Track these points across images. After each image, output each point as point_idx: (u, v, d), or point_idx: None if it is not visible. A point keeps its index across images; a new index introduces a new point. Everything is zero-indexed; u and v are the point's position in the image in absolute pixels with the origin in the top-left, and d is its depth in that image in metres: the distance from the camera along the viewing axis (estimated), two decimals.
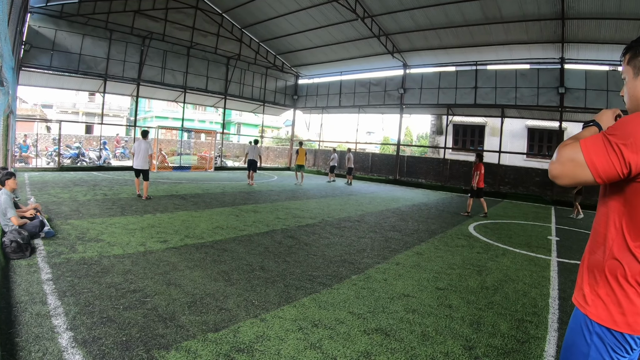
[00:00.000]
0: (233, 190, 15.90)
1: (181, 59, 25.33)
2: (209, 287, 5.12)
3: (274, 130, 61.88)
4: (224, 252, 6.86)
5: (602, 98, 19.98)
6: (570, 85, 20.66)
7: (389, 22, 22.50)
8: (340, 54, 27.23)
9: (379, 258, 7.27)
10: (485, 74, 23.51)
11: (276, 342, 3.81)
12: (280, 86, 32.09)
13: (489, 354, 3.93)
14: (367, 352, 3.77)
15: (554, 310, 5.31)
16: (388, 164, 28.10)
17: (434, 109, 26.86)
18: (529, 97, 21.89)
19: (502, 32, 20.46)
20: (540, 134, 28.18)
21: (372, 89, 28.36)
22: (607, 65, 20.77)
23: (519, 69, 22.51)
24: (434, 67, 25.78)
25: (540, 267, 7.56)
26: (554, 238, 10.81)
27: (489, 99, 23.12)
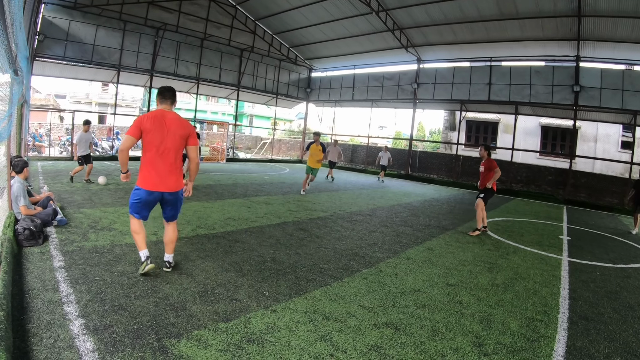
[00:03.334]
0: (245, 181, 15.97)
1: (194, 50, 25.38)
2: (220, 278, 5.17)
3: (286, 123, 61.88)
4: (235, 243, 6.91)
5: (618, 97, 19.67)
6: (586, 84, 20.37)
7: (403, 16, 22.36)
8: (353, 47, 27.07)
9: (390, 252, 7.30)
10: (499, 70, 23.30)
11: (286, 334, 3.85)
12: (293, 79, 32.04)
13: (499, 351, 3.95)
14: (377, 345, 3.80)
15: (564, 309, 5.31)
16: (400, 159, 28.04)
17: (447, 104, 26.75)
18: (543, 94, 21.66)
19: (517, 28, 20.25)
20: (554, 132, 27.89)
21: (386, 83, 28.21)
22: (624, 65, 20.52)
23: (533, 65, 22.28)
24: (447, 63, 25.60)
25: (551, 266, 7.56)
26: (565, 237, 10.77)
27: (502, 95, 22.93)
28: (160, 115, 4.86)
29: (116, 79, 22.72)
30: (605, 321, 5.08)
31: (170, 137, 4.83)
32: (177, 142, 4.90)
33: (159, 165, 4.81)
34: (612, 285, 6.75)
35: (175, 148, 4.90)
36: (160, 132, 4.78)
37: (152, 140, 4.75)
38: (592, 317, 5.16)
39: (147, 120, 4.76)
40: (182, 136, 4.93)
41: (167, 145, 4.82)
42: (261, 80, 29.63)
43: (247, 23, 27.21)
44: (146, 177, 4.80)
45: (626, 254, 9.52)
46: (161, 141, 4.79)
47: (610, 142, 26.77)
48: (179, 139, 4.91)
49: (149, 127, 4.73)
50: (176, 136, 4.87)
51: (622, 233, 12.58)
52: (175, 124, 4.89)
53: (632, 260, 8.89)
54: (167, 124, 4.84)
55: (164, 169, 4.85)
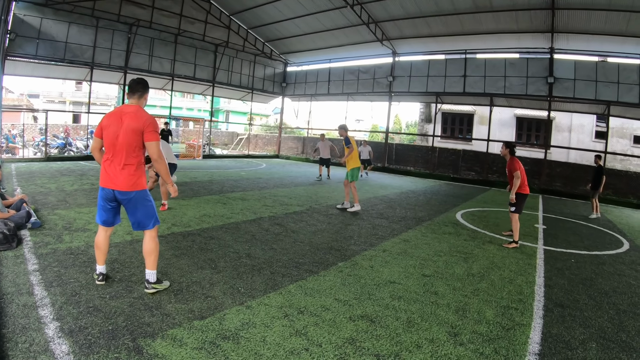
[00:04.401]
0: (221, 178, 15.82)
1: (169, 46, 24.96)
2: (195, 275, 5.11)
3: (262, 118, 61.57)
4: (210, 240, 6.83)
5: (591, 88, 20.06)
6: (560, 75, 20.71)
7: (378, 9, 22.31)
8: (329, 41, 26.98)
9: (366, 245, 7.28)
10: (474, 63, 23.49)
11: (261, 329, 3.82)
12: (269, 73, 31.77)
13: (474, 340, 3.95)
14: (352, 338, 3.79)
15: (540, 297, 5.35)
16: (376, 152, 28.10)
17: (422, 97, 26.88)
18: (517, 86, 21.92)
19: (492, 21, 20.39)
20: (529, 123, 28.25)
21: (361, 77, 28.19)
22: (597, 56, 20.83)
23: (508, 58, 22.50)
24: (423, 55, 25.66)
25: (527, 254, 7.61)
26: (540, 226, 10.89)
27: (477, 87, 23.12)
28: (119, 110, 4.51)
29: (89, 76, 22.17)
30: (581, 308, 5.12)
31: (123, 132, 4.37)
32: (130, 137, 4.38)
33: (113, 162, 4.42)
34: (587, 272, 6.82)
35: (127, 143, 4.39)
36: (115, 127, 4.40)
37: (107, 137, 4.41)
38: (567, 304, 5.19)
39: (106, 117, 4.51)
40: (135, 130, 4.38)
41: (120, 141, 4.38)
42: (236, 75, 29.32)
43: (221, 18, 26.86)
44: (102, 173, 4.53)
45: (601, 241, 9.65)
46: (116, 137, 4.38)
47: (585, 132, 27.23)
48: (131, 134, 4.38)
49: (105, 124, 4.44)
50: (128, 131, 4.37)
51: (597, 221, 12.75)
52: (129, 118, 4.41)
53: (606, 247, 9.01)
54: (123, 118, 4.42)
55: (116, 165, 4.41)
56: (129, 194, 4.46)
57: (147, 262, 4.57)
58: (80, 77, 23.21)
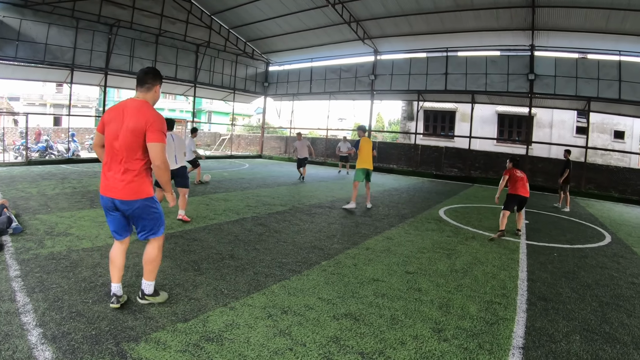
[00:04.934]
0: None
1: (149, 47, 24.67)
2: (178, 277, 5.05)
3: (245, 118, 61.35)
4: (193, 241, 6.75)
5: (572, 84, 20.35)
6: (540, 72, 20.97)
7: (359, 8, 22.31)
8: (310, 40, 26.94)
9: (349, 243, 7.24)
10: (455, 60, 23.64)
11: (245, 330, 3.79)
12: (251, 73, 31.59)
13: (458, 336, 3.95)
14: (336, 337, 3.77)
15: (523, 291, 5.37)
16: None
17: (404, 94, 26.96)
18: (499, 83, 22.11)
19: (472, 19, 20.53)
20: (510, 120, 28.54)
21: (343, 76, 28.18)
22: (577, 53, 21.32)
23: (489, 55, 22.69)
24: (404, 54, 25.76)
25: (510, 249, 7.64)
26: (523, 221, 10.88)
27: (459, 85, 23.26)
28: (123, 105, 3.92)
29: (70, 78, 21.87)
30: (564, 301, 5.15)
31: (123, 131, 3.78)
32: (129, 138, 3.77)
33: (111, 165, 3.86)
34: (570, 265, 6.87)
35: (127, 145, 3.79)
36: (115, 125, 3.82)
37: (108, 135, 3.85)
38: (550, 298, 5.22)
39: (109, 111, 3.95)
40: (135, 130, 3.78)
41: (119, 142, 3.79)
42: (218, 75, 29.11)
43: (202, 18, 26.63)
44: (101, 179, 3.98)
45: (582, 235, 9.75)
46: (115, 137, 3.81)
47: (566, 127, 27.64)
48: (131, 134, 3.77)
49: (107, 119, 3.89)
50: (128, 130, 3.77)
51: (579, 215, 12.88)
52: (130, 114, 3.82)
53: (588, 241, 9.10)
54: (125, 114, 3.83)
55: (115, 170, 3.85)
56: (131, 203, 3.93)
57: (146, 271, 4.22)
58: (61, 79, 22.87)
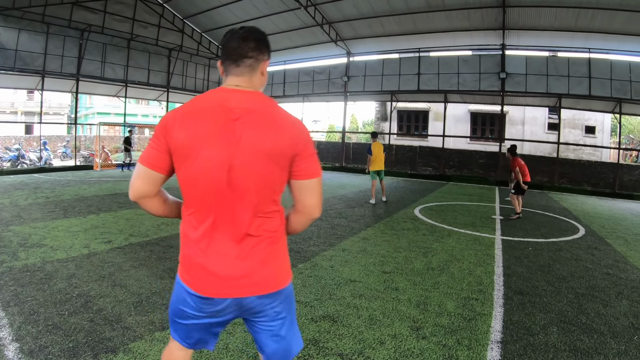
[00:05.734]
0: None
1: (121, 52, 24.23)
2: (154, 286, 4.94)
3: None
4: (169, 248, 6.62)
5: (543, 82, 20.94)
6: (511, 71, 21.45)
7: (332, 10, 22.38)
8: (283, 43, 26.84)
9: (325, 245, 7.19)
10: (428, 61, 23.91)
11: (224, 337, 3.72)
12: None
13: (437, 333, 3.94)
14: (315, 339, 3.74)
15: (499, 286, 5.40)
16: (334, 152, 28.19)
17: (378, 95, 27.12)
18: (471, 82, 22.51)
19: (444, 20, 20.82)
20: (483, 118, 28.98)
21: (317, 78, 28.22)
22: (547, 51, 21.85)
23: (461, 55, 23.08)
24: (377, 55, 25.92)
25: (485, 245, 7.69)
26: (498, 217, 11.08)
27: (432, 84, 23.54)
28: (217, 104, 1.84)
29: (41, 85, 21.39)
30: (540, 294, 5.19)
31: (242, 157, 1.80)
32: (260, 169, 1.82)
33: (217, 233, 1.90)
34: (545, 259, 6.93)
35: (257, 184, 1.84)
36: (220, 148, 1.79)
37: (198, 172, 1.83)
38: (526, 292, 5.25)
39: (182, 121, 1.83)
40: (273, 154, 1.82)
41: (239, 180, 1.82)
42: (191, 80, 28.82)
43: (174, 22, 26.30)
44: (191, 263, 1.93)
45: (557, 229, 9.87)
46: (226, 171, 1.81)
47: (537, 124, 28.19)
48: (264, 162, 1.81)
49: (184, 140, 1.80)
50: (258, 155, 1.80)
51: (553, 209, 13.05)
52: (254, 124, 1.81)
53: (562, 234, 9.22)
54: (237, 125, 1.80)
55: (227, 239, 1.90)
56: (272, 297, 1.97)
57: None
58: (32, 85, 22.25)
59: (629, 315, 4.63)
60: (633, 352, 3.81)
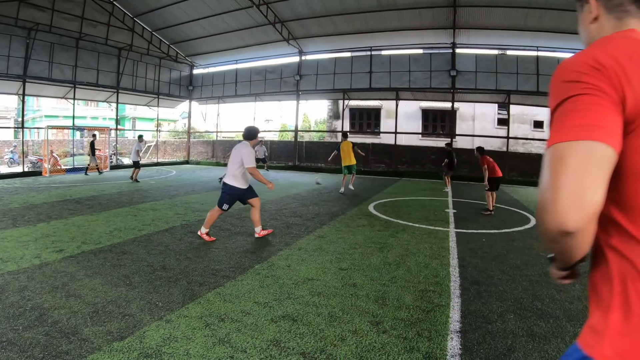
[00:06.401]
0: (130, 189, 15.06)
1: (70, 51, 23.24)
2: (110, 294, 4.73)
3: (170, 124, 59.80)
4: (123, 255, 6.38)
5: (492, 79, 21.80)
6: (462, 68, 22.16)
7: (284, 8, 22.38)
8: (235, 42, 26.67)
9: (281, 245, 7.12)
10: (379, 59, 24.29)
11: (184, 343, 3.61)
12: (175, 77, 30.72)
13: (396, 326, 3.95)
14: (276, 340, 3.68)
15: (455, 277, 5.47)
16: (287, 151, 28.11)
17: (330, 94, 27.28)
18: (422, 80, 23.02)
19: (395, 19, 21.21)
20: (434, 114, 29.58)
21: (268, 77, 28.09)
22: (497, 49, 22.75)
23: (412, 53, 23.54)
24: (329, 53, 26.11)
25: (440, 238, 7.79)
26: (451, 210, 11.29)
27: (383, 82, 23.92)
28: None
29: None
30: (495, 283, 5.29)
31: None
32: None
33: None
34: (499, 249, 7.09)
35: None
36: None
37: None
38: (482, 281, 5.34)
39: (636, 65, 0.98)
40: None
41: None
42: (141, 80, 28.04)
43: (125, 20, 25.49)
44: None
45: (509, 220, 10.13)
46: None
47: (487, 120, 29.14)
48: None
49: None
50: None
51: (505, 201, 13.38)
52: None
53: (515, 225, 9.47)
54: None
55: None
56: None
57: None
58: None
59: (582, 299, 4.78)
60: None
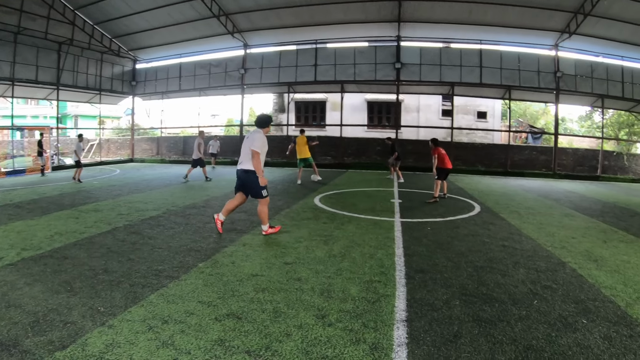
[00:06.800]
0: (72, 190, 14.44)
1: (7, 47, 21.94)
2: (51, 302, 4.46)
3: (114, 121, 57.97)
4: (64, 260, 6.04)
5: (436, 71, 22.48)
6: (406, 61, 22.67)
7: (228, 1, 22.20)
8: (179, 35, 26.02)
9: (226, 241, 6.97)
10: (325, 52, 24.44)
11: (127, 348, 3.44)
12: (117, 72, 29.50)
13: (342, 319, 3.92)
14: (221, 339, 3.57)
15: (400, 267, 5.47)
16: (233, 146, 27.79)
17: (275, 87, 27.22)
18: (367, 72, 23.36)
19: (341, 12, 21.39)
20: (379, 107, 29.99)
21: (213, 71, 27.65)
22: (441, 42, 23.40)
23: (357, 46, 23.86)
24: (274, 47, 26.01)
25: (385, 229, 7.82)
26: (396, 201, 11.41)
27: (328, 75, 24.07)
28: None
29: None
30: (441, 270, 5.34)
31: None
32: None
33: None
34: (444, 236, 7.19)
35: None
36: None
37: None
38: (427, 269, 5.37)
39: None
40: None
41: None
42: (83, 76, 26.76)
43: (65, 13, 24.11)
44: None
45: (454, 208, 10.35)
46: None
47: (432, 111, 29.95)
48: None
49: None
50: None
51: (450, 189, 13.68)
52: None
53: (459, 212, 9.69)
54: None
55: None
56: None
57: None
58: None
59: (526, 282, 4.89)
60: (534, 315, 4.03)
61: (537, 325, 3.83)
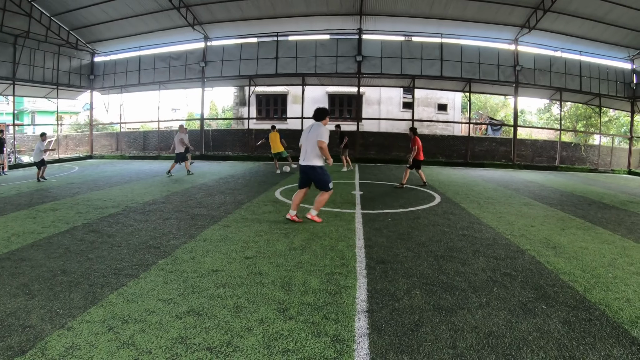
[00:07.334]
0: (29, 189, 13.96)
1: None
2: (8, 306, 4.29)
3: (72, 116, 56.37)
4: (21, 262, 5.82)
5: (397, 64, 22.78)
6: (368, 54, 22.88)
7: None
8: (139, 27, 25.32)
9: (186, 237, 6.85)
10: (286, 45, 24.33)
11: (87, 350, 3.34)
12: (75, 66, 28.41)
13: (303, 311, 3.91)
14: (181, 337, 3.51)
15: (361, 258, 5.49)
16: (193, 140, 27.41)
17: (236, 80, 26.95)
18: (328, 65, 23.46)
19: (303, 4, 21.43)
20: (341, 99, 30.17)
21: (173, 64, 27.08)
22: (402, 36, 23.73)
23: (319, 39, 23.92)
24: (235, 39, 25.77)
25: (346, 220, 7.87)
26: (357, 192, 11.46)
27: (290, 68, 24.01)
28: None
29: None
30: (401, 260, 5.37)
31: None
32: None
33: None
34: (404, 227, 7.26)
35: None
36: None
37: None
38: (388, 260, 5.40)
39: None
40: None
41: None
42: (39, 70, 25.70)
43: (21, 4, 22.91)
44: None
45: (414, 198, 10.46)
46: None
47: (393, 103, 30.26)
48: None
49: None
50: None
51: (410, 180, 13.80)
52: None
53: (420, 203, 9.81)
54: None
55: None
56: None
57: None
58: None
59: (486, 270, 4.99)
60: (494, 302, 4.10)
61: (497, 312, 3.89)
